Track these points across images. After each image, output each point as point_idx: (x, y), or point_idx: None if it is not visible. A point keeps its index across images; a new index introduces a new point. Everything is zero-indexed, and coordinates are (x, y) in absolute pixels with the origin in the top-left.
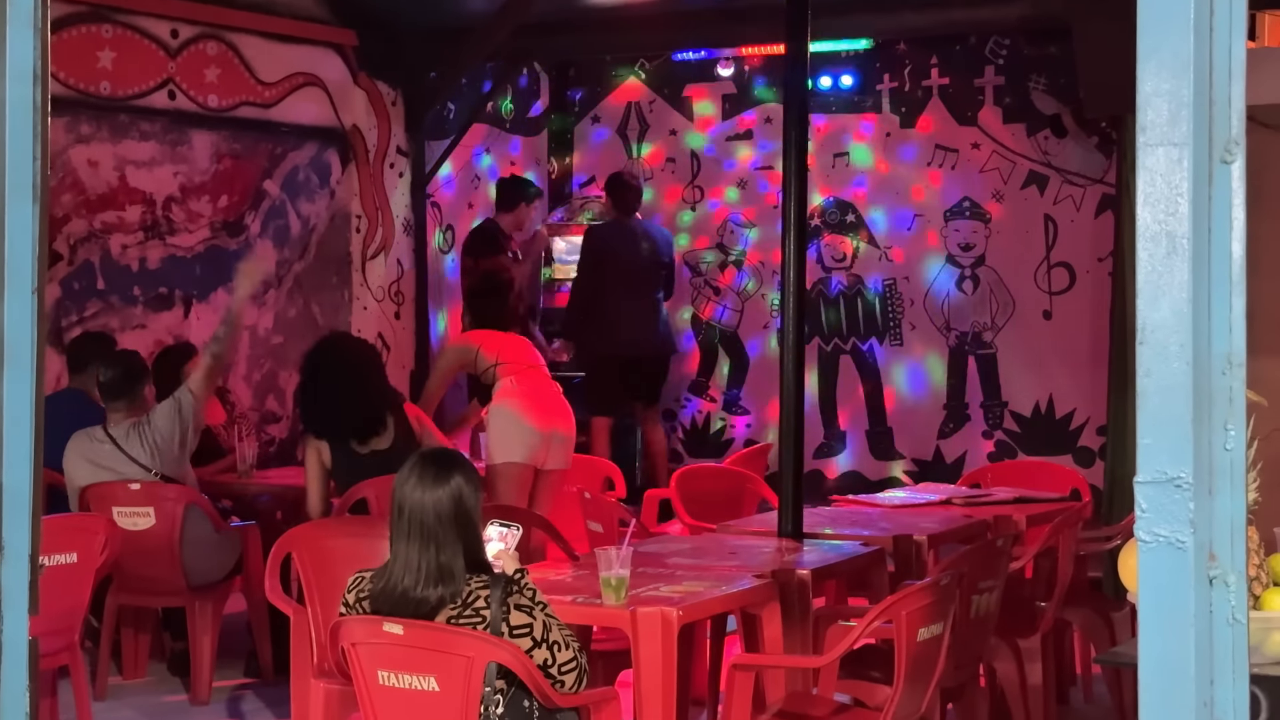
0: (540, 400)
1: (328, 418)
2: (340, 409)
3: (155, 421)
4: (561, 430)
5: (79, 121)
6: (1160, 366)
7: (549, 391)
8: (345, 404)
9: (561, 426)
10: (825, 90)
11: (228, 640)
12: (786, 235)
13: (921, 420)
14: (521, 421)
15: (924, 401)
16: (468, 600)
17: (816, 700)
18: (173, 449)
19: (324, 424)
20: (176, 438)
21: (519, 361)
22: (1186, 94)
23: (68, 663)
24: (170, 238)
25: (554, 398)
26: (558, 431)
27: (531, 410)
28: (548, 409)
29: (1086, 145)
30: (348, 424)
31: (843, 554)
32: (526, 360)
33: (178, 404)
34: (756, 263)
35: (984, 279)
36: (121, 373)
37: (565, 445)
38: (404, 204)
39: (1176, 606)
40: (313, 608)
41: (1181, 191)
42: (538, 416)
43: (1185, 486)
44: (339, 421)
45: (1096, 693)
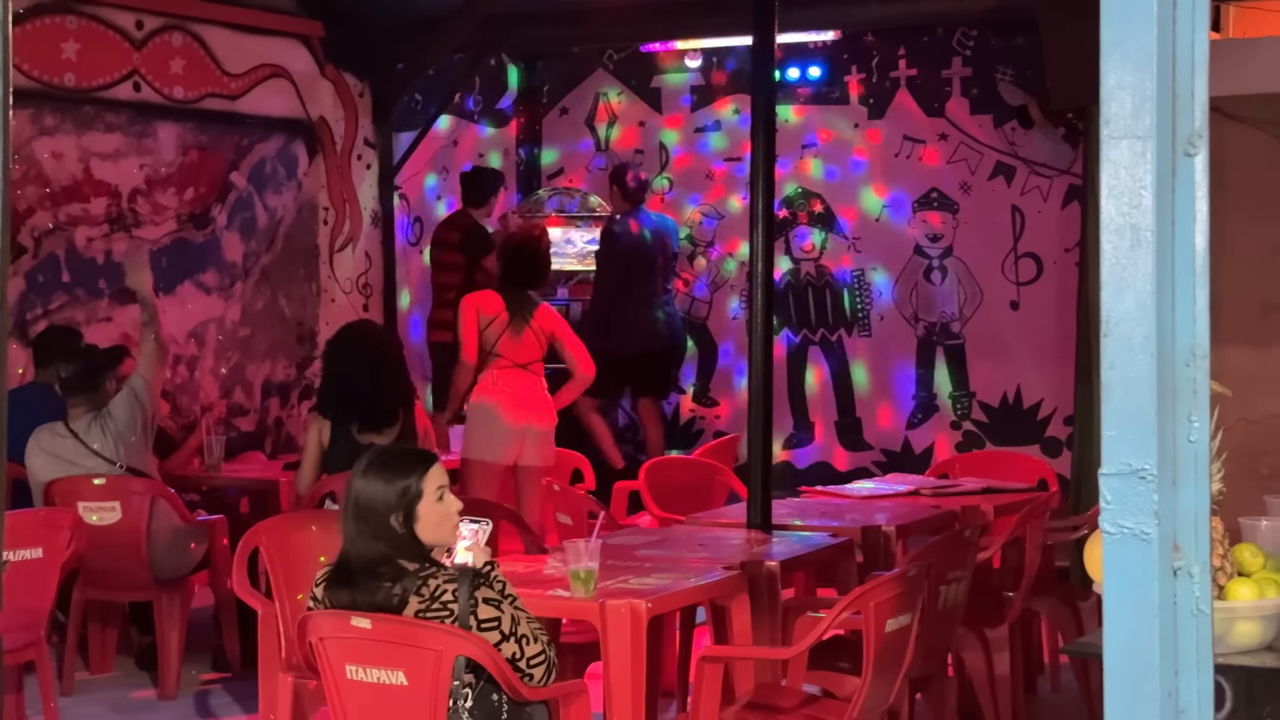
0: (518, 395)
1: (345, 399)
2: (360, 393)
3: (114, 413)
4: (537, 425)
5: (43, 113)
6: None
7: (528, 386)
8: (366, 389)
9: (537, 421)
10: (793, 81)
11: (195, 634)
12: (754, 227)
13: (890, 411)
14: (497, 418)
15: (892, 392)
16: (435, 594)
17: (785, 691)
18: (135, 437)
19: (339, 405)
20: (137, 425)
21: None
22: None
23: (34, 658)
24: (136, 230)
25: (533, 393)
26: (533, 426)
27: (508, 406)
28: (524, 404)
29: (1053, 136)
30: (362, 409)
31: (811, 545)
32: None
33: (132, 391)
34: (725, 254)
35: (952, 270)
36: (82, 368)
37: (541, 440)
38: (372, 196)
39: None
40: (280, 602)
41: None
42: (513, 412)
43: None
44: (355, 405)
45: (1064, 682)
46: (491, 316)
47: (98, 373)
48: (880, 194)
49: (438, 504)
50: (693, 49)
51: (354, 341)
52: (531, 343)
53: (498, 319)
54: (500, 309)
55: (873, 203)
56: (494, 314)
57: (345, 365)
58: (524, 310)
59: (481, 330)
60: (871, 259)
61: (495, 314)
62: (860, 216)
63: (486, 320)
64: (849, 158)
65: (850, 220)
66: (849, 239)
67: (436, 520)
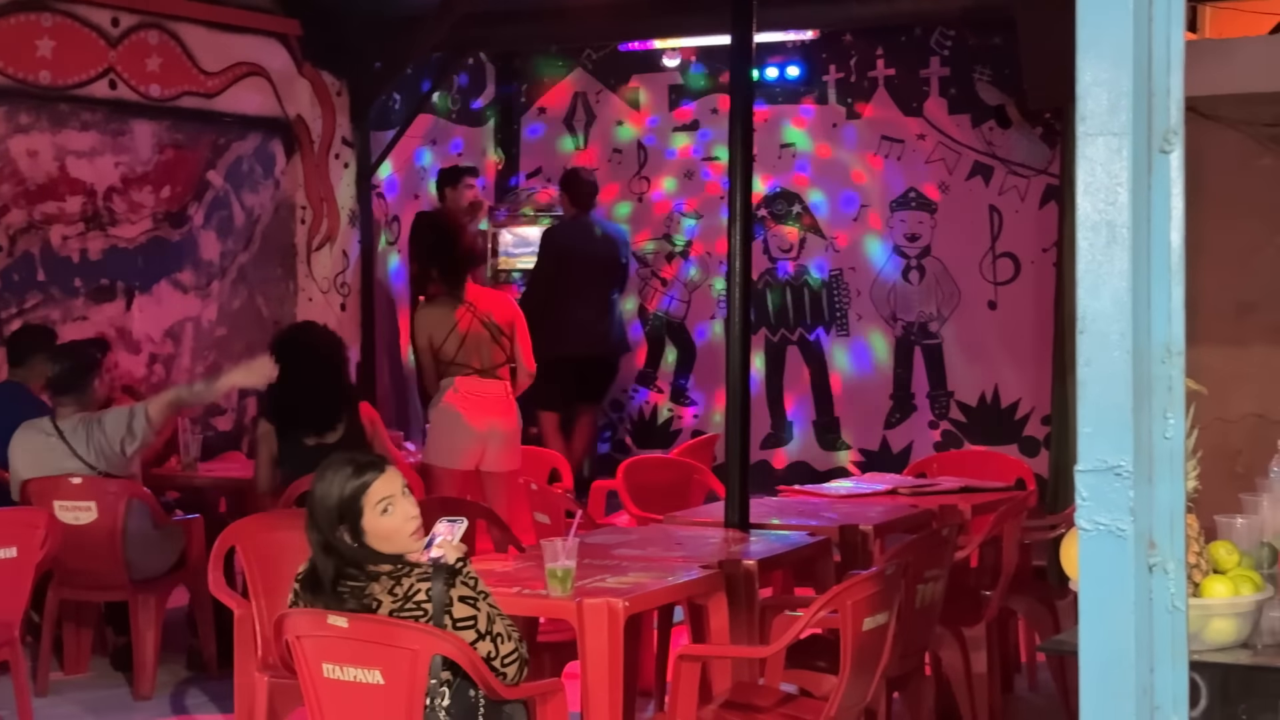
0: (480, 400)
1: (287, 405)
2: (301, 398)
3: (105, 425)
4: (500, 428)
5: (18, 111)
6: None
7: (491, 390)
8: (307, 394)
9: (501, 424)
10: (771, 81)
11: (171, 634)
12: (732, 225)
13: (868, 410)
14: (460, 422)
15: (870, 391)
16: (409, 594)
17: (763, 690)
18: (116, 455)
19: (282, 410)
20: (120, 448)
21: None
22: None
23: (8, 658)
24: (112, 229)
25: (496, 397)
26: (496, 429)
27: (470, 411)
28: (487, 408)
29: (1030, 136)
30: (305, 414)
31: (789, 544)
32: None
33: (130, 417)
34: (702, 253)
35: (930, 269)
36: (70, 367)
37: (505, 442)
38: (349, 195)
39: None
40: (256, 601)
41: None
42: (476, 417)
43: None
44: (297, 410)
45: (1041, 680)
46: (445, 332)
47: (86, 371)
48: (858, 193)
49: (382, 517)
50: (671, 48)
51: (291, 346)
52: (490, 344)
53: (452, 331)
54: (450, 321)
55: (850, 202)
56: (446, 328)
57: (289, 370)
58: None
59: (438, 347)
60: (849, 259)
61: (446, 327)
62: (838, 216)
63: (441, 339)
64: (827, 157)
65: (828, 219)
66: (827, 239)
67: (385, 534)
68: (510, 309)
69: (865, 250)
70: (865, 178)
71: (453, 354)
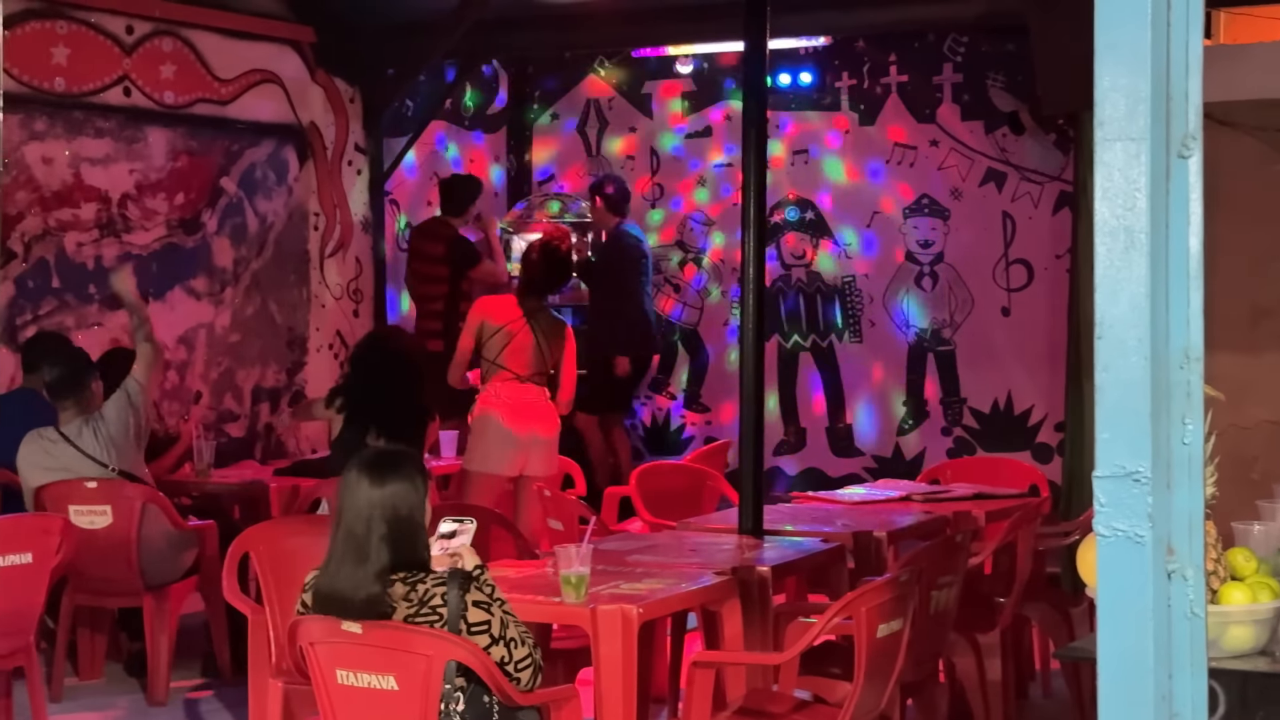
0: (520, 406)
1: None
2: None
3: (107, 415)
4: (541, 435)
5: (33, 118)
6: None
7: (530, 396)
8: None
9: (541, 431)
10: (784, 88)
11: (185, 640)
12: (746, 232)
13: (881, 417)
14: (501, 429)
15: (883, 398)
16: (424, 599)
17: (777, 697)
18: (128, 441)
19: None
20: (130, 429)
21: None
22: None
23: (23, 664)
24: (126, 235)
25: (536, 403)
26: (537, 436)
27: (511, 417)
28: (527, 414)
29: (1044, 142)
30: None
31: (803, 551)
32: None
33: (126, 394)
34: (716, 260)
35: (943, 276)
36: (67, 371)
37: (546, 449)
38: (362, 201)
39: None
40: (271, 607)
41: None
42: (517, 423)
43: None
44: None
45: (1055, 687)
46: (498, 325)
47: (83, 374)
48: (870, 199)
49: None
50: (684, 54)
51: (388, 350)
52: (537, 358)
53: (505, 328)
54: (512, 319)
55: (863, 208)
56: (503, 323)
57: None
58: (539, 323)
59: (485, 339)
60: (862, 265)
61: (504, 323)
62: (851, 222)
63: (493, 329)
64: (840, 164)
65: (841, 226)
66: (840, 245)
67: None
68: (565, 335)
69: (878, 257)
70: (878, 185)
71: (495, 353)
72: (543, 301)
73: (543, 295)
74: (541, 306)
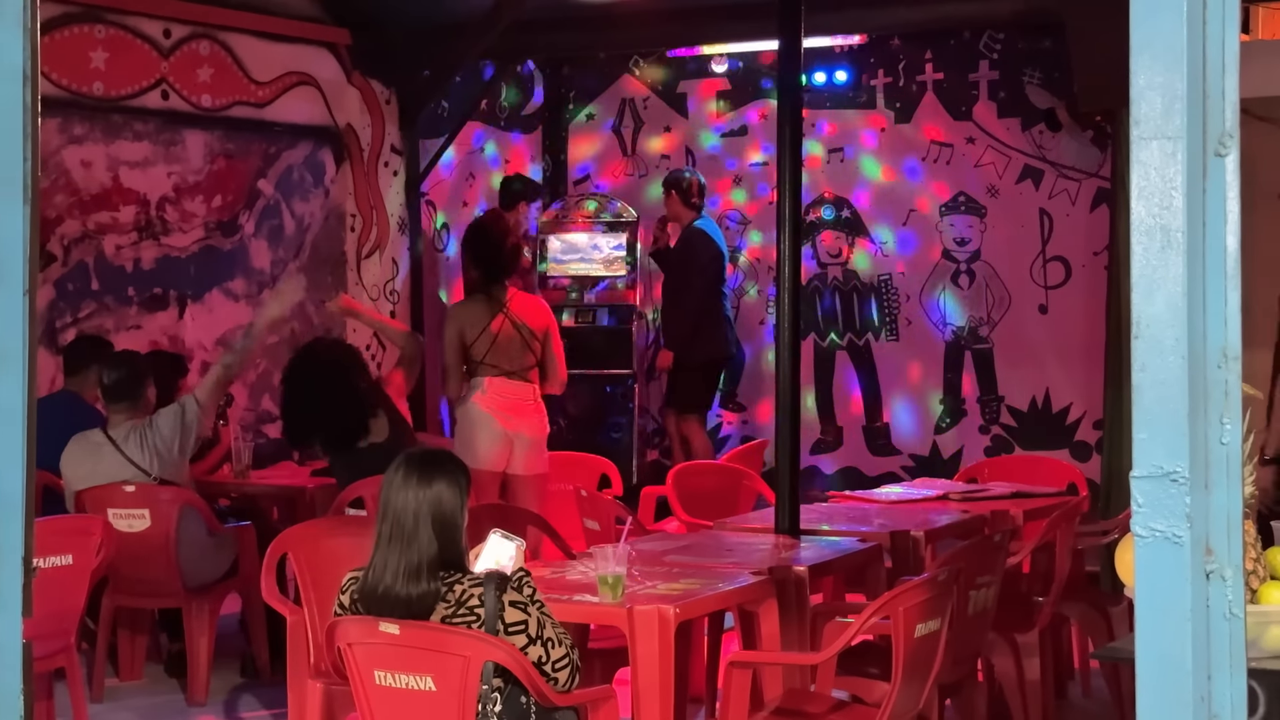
0: (507, 401)
1: (308, 431)
2: (318, 421)
3: (158, 426)
4: (527, 431)
5: (72, 122)
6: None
7: (519, 393)
8: (323, 416)
9: (528, 430)
10: (819, 86)
11: (224, 641)
12: (781, 231)
13: (918, 416)
14: (486, 422)
15: (920, 397)
16: (462, 599)
17: (814, 697)
18: (172, 454)
19: (306, 438)
20: (177, 444)
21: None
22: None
23: (64, 665)
24: (164, 238)
25: (523, 399)
26: (523, 434)
27: (496, 413)
28: (514, 411)
29: (1081, 139)
30: (329, 435)
31: (840, 550)
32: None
33: (182, 410)
34: (752, 259)
35: (980, 274)
36: (125, 375)
37: (532, 446)
38: (398, 202)
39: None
40: (309, 608)
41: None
42: (503, 417)
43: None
44: (320, 433)
45: (1095, 687)
46: (478, 328)
47: (140, 380)
48: (907, 197)
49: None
50: (719, 54)
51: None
52: (521, 346)
53: (485, 329)
54: (487, 317)
55: (899, 206)
56: (480, 323)
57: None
58: (514, 311)
59: (469, 344)
60: (899, 263)
61: (482, 323)
62: (887, 221)
63: (474, 333)
64: (875, 162)
65: (877, 224)
66: (876, 243)
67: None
68: (545, 315)
69: (915, 255)
70: (914, 183)
71: (482, 354)
72: (504, 284)
73: (499, 279)
74: (509, 292)
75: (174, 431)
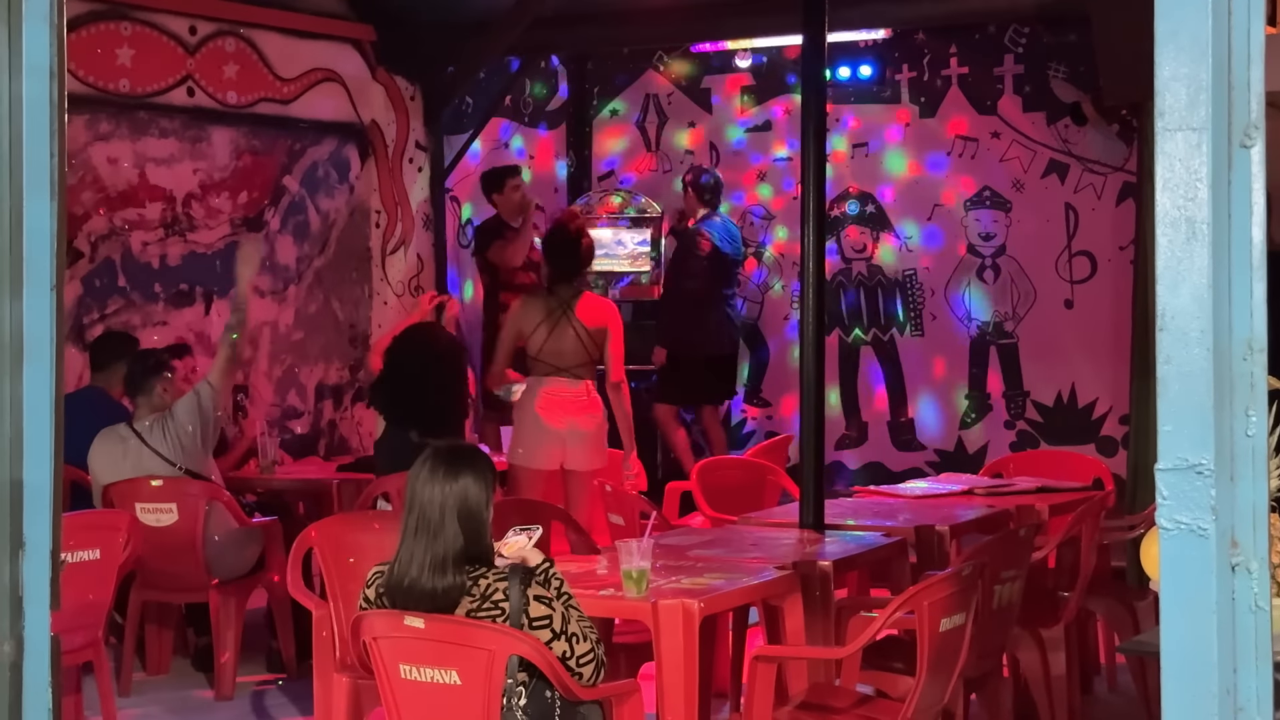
0: (559, 399)
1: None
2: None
3: (177, 415)
4: (580, 426)
5: (98, 119)
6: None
7: (572, 390)
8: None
9: (581, 423)
10: (844, 81)
11: (250, 635)
12: (806, 226)
13: (943, 411)
14: (539, 422)
15: (945, 392)
16: (486, 593)
17: (839, 691)
18: (195, 442)
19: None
20: (198, 431)
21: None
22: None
23: (92, 659)
24: (190, 234)
25: (576, 396)
26: (575, 428)
27: (549, 411)
28: (566, 407)
29: (1107, 133)
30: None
31: (864, 545)
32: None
33: (197, 396)
34: (777, 255)
35: (1005, 268)
36: (137, 369)
37: (586, 441)
38: (423, 198)
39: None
40: (334, 602)
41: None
42: (554, 415)
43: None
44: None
45: (1121, 682)
46: (535, 323)
47: (149, 374)
48: (931, 192)
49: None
50: (743, 49)
51: (418, 342)
52: (576, 346)
53: (542, 325)
54: (546, 314)
55: (924, 201)
56: (538, 320)
57: (403, 368)
58: (574, 311)
59: (527, 338)
60: (923, 258)
61: (539, 320)
62: (912, 215)
63: (531, 328)
64: (900, 156)
65: (902, 219)
66: (901, 238)
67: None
68: (606, 316)
69: (940, 250)
70: (939, 177)
71: (537, 350)
72: (574, 286)
73: (568, 280)
74: (577, 292)
75: (192, 417)
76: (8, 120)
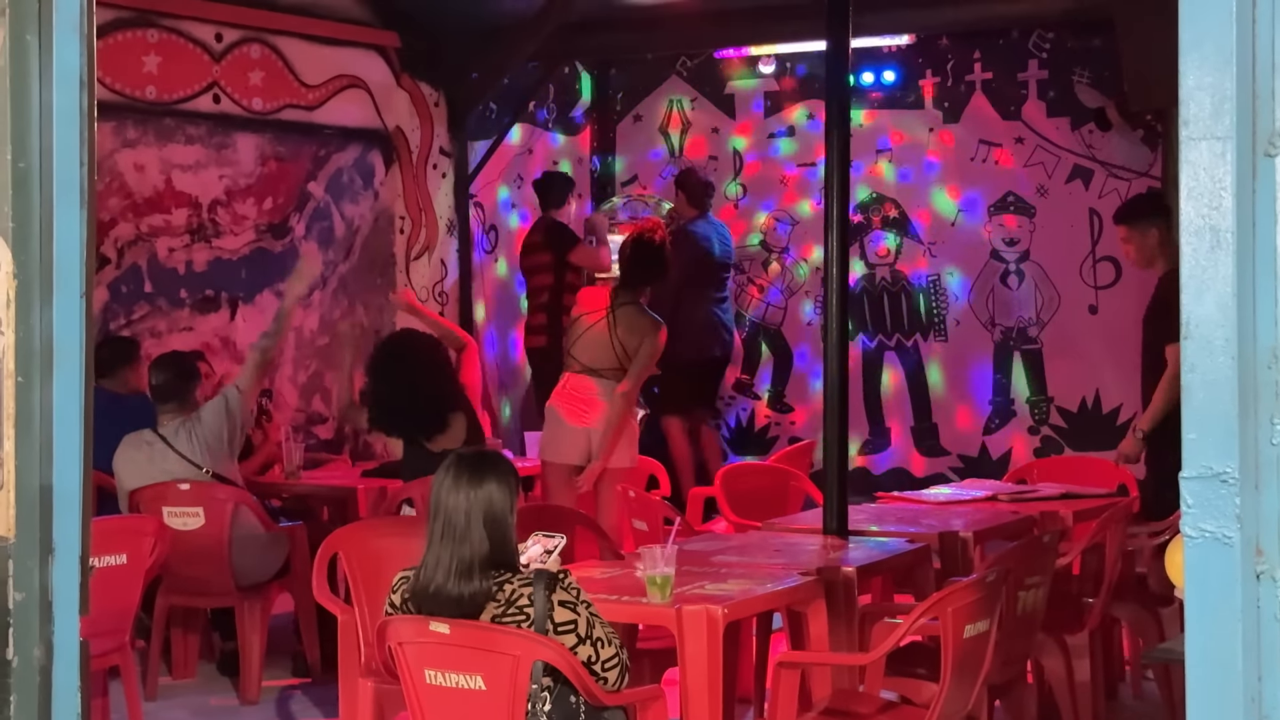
0: (580, 399)
1: (390, 415)
2: (402, 406)
3: (204, 418)
4: (600, 428)
5: (125, 126)
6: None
7: (591, 388)
8: (407, 402)
9: (599, 425)
10: (867, 86)
11: (276, 640)
12: (829, 232)
13: (967, 416)
14: (560, 420)
15: (969, 397)
16: (511, 599)
17: (863, 698)
18: (221, 445)
19: (387, 421)
20: (225, 434)
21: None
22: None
23: (119, 663)
24: (216, 240)
25: (600, 397)
26: (594, 430)
27: (568, 409)
28: (586, 408)
29: (1131, 139)
30: (408, 421)
31: (888, 551)
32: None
33: (225, 400)
34: (800, 260)
35: (1029, 274)
36: (174, 375)
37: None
38: (447, 205)
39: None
40: (360, 607)
41: (1225, 185)
42: (574, 416)
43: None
44: (400, 419)
45: (1145, 689)
46: (579, 315)
47: (188, 380)
48: (955, 198)
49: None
50: (766, 54)
51: (390, 355)
52: (607, 352)
53: (583, 318)
54: (594, 310)
55: (948, 207)
56: (585, 313)
57: (385, 381)
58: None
59: (568, 328)
60: (947, 263)
61: (586, 313)
62: (935, 220)
63: (574, 319)
64: (924, 162)
65: (925, 224)
66: (924, 243)
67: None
68: (642, 333)
69: (964, 255)
70: (963, 182)
71: (570, 343)
72: (633, 295)
73: (632, 288)
74: (631, 300)
75: (219, 420)
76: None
